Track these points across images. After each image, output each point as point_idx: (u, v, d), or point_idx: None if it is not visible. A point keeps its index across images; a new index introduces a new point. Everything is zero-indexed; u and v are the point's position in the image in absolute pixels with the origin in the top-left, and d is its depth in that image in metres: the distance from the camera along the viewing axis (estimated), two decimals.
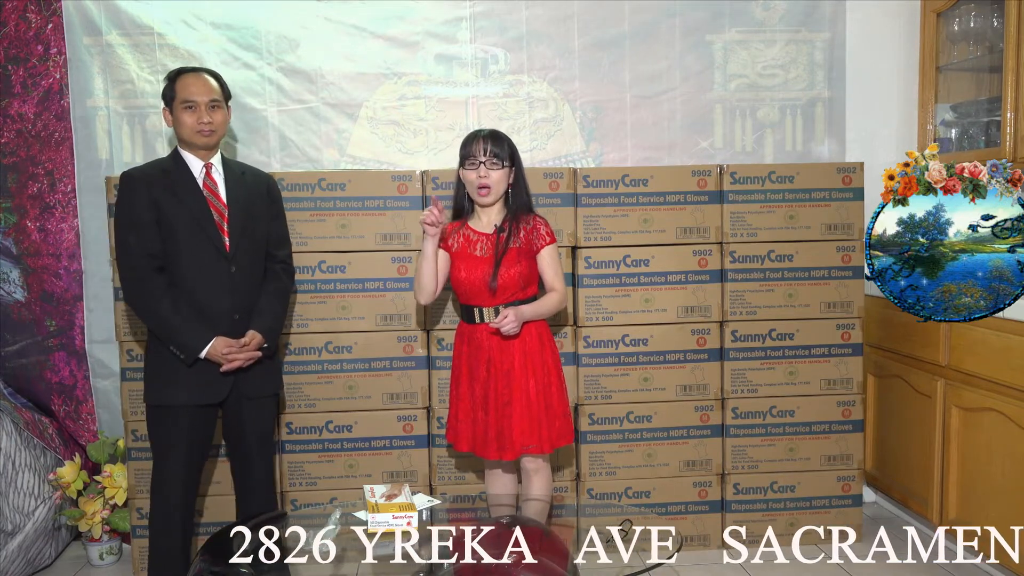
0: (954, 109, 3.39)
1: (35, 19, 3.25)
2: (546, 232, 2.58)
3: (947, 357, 2.90)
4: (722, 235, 3.07)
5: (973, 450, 2.81)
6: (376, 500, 2.28)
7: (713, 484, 3.13)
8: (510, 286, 2.54)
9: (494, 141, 2.55)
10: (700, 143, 3.50)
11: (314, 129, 3.37)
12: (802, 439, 3.13)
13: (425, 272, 2.55)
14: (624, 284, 3.04)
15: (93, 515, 3.06)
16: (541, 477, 2.64)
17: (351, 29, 3.35)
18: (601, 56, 3.43)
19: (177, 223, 2.47)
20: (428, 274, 2.55)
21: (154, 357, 2.53)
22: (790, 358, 3.11)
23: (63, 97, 3.27)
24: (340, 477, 3.02)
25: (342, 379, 3.00)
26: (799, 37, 3.50)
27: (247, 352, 2.51)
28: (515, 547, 2.13)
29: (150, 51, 3.27)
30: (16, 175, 3.29)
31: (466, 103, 3.43)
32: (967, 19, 3.26)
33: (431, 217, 2.46)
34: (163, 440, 2.52)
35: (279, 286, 2.65)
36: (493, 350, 2.56)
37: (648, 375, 3.07)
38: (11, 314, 3.34)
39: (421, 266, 2.55)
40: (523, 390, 2.54)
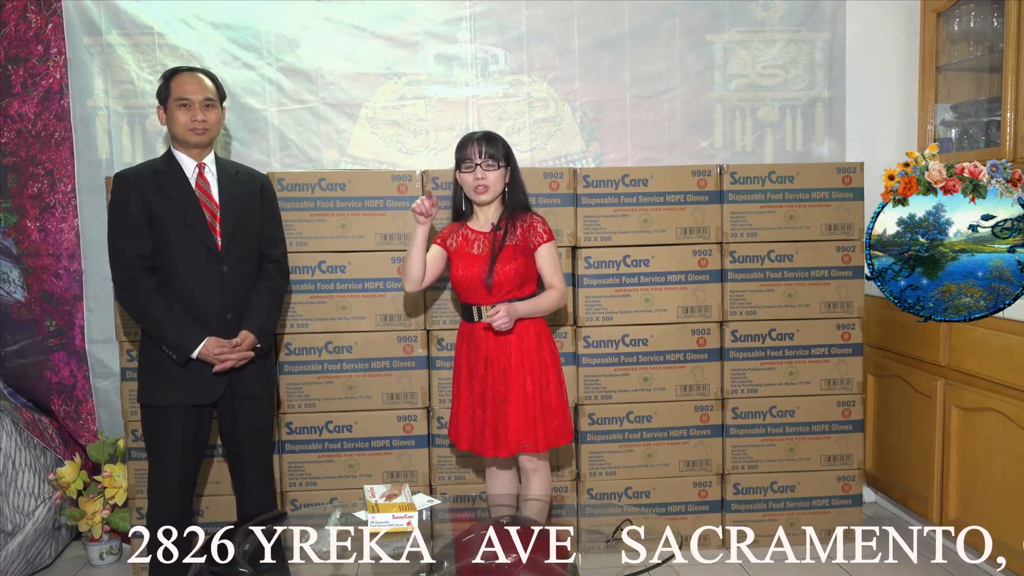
0: (954, 109, 3.39)
1: (35, 19, 3.25)
2: (543, 230, 2.59)
3: (947, 357, 2.90)
4: (722, 235, 3.07)
5: (973, 450, 2.81)
6: (376, 500, 2.28)
7: (713, 484, 3.12)
8: (506, 283, 2.54)
9: (488, 143, 2.57)
10: (700, 143, 3.50)
11: (314, 129, 3.37)
12: (802, 439, 3.13)
13: (412, 257, 2.59)
14: (624, 284, 3.04)
15: (93, 515, 3.06)
16: (540, 477, 2.65)
17: (351, 29, 3.35)
18: (601, 56, 3.43)
19: (168, 223, 2.47)
20: (415, 260, 2.59)
21: (147, 357, 2.53)
22: (790, 358, 3.11)
23: (63, 97, 3.27)
24: (340, 477, 3.02)
25: (342, 379, 3.00)
26: (799, 37, 3.50)
27: (239, 352, 2.51)
28: (515, 547, 2.14)
29: (150, 51, 3.27)
30: (16, 175, 3.29)
31: (466, 103, 3.43)
32: (967, 19, 3.27)
33: (421, 207, 2.51)
34: (158, 440, 2.52)
35: (272, 285, 2.65)
36: (490, 348, 2.57)
37: (648, 375, 3.07)
38: (11, 314, 3.34)
39: (409, 252, 2.60)
40: (520, 388, 2.55)
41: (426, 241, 2.59)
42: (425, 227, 2.55)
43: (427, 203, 2.51)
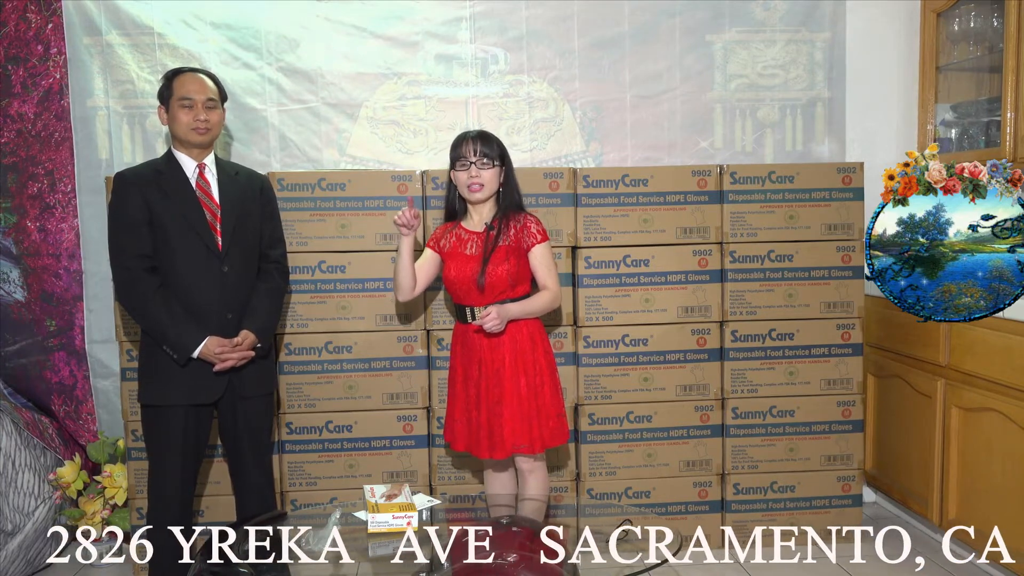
0: (954, 109, 3.39)
1: (35, 19, 3.25)
2: (537, 230, 2.58)
3: (947, 357, 2.90)
4: (722, 235, 3.07)
5: (973, 450, 2.81)
6: (376, 500, 2.28)
7: (713, 484, 3.12)
8: (498, 284, 2.54)
9: (483, 142, 2.56)
10: (700, 143, 3.50)
11: (314, 129, 3.37)
12: (802, 439, 3.13)
13: (399, 270, 2.59)
14: (624, 284, 3.04)
15: (93, 515, 3.06)
16: (536, 477, 2.64)
17: (351, 29, 3.35)
18: (601, 56, 3.43)
19: (169, 223, 2.48)
20: (403, 271, 2.59)
21: (148, 357, 2.53)
22: (790, 358, 3.11)
23: (63, 97, 3.27)
24: (340, 477, 3.02)
25: (342, 379, 3.00)
26: (799, 37, 3.50)
27: (240, 351, 2.51)
28: (515, 547, 2.14)
29: (150, 51, 3.27)
30: (16, 175, 3.29)
31: (466, 103, 3.43)
32: (967, 19, 3.27)
33: (402, 219, 2.50)
34: (159, 440, 2.52)
35: (272, 286, 2.65)
36: (484, 350, 2.57)
37: (648, 375, 3.07)
38: (11, 314, 3.34)
39: (396, 264, 2.60)
40: (514, 389, 2.55)
41: (412, 251, 2.58)
42: (409, 238, 2.54)
43: (408, 214, 2.49)
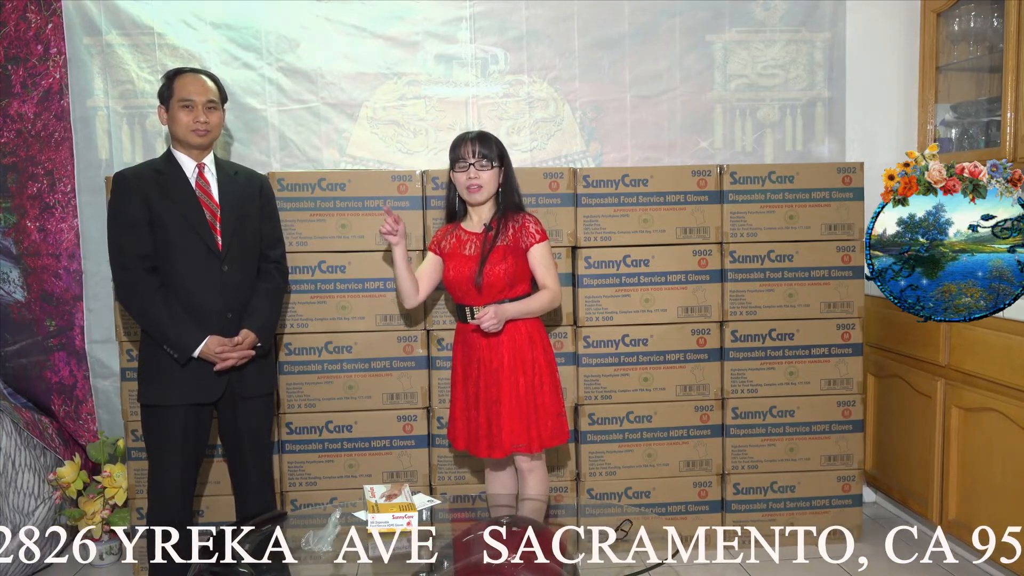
0: (954, 109, 3.39)
1: (35, 19, 3.25)
2: (536, 230, 2.58)
3: (947, 357, 2.90)
4: (722, 235, 3.07)
5: (973, 450, 2.81)
6: (376, 500, 2.28)
7: (713, 484, 3.12)
8: (496, 284, 2.54)
9: (482, 143, 2.56)
10: (700, 143, 3.50)
11: (314, 129, 3.37)
12: (802, 439, 3.13)
13: (398, 279, 2.61)
14: (624, 284, 3.04)
15: (93, 515, 3.06)
16: (536, 477, 2.65)
17: (351, 29, 3.35)
18: (601, 56, 3.43)
19: (169, 223, 2.48)
20: (401, 280, 2.61)
21: (148, 357, 2.53)
22: (790, 358, 3.11)
23: (63, 97, 3.27)
24: (340, 477, 3.02)
25: (342, 379, 3.00)
26: (799, 37, 3.50)
27: (240, 351, 2.51)
28: (515, 547, 2.14)
29: (150, 51, 3.27)
30: (16, 175, 3.29)
31: (466, 103, 3.43)
32: (967, 19, 3.27)
33: (387, 227, 2.51)
34: (159, 440, 2.52)
35: (272, 285, 2.65)
36: (483, 349, 2.57)
37: (648, 375, 3.07)
38: (11, 314, 3.34)
39: (395, 274, 2.62)
40: (512, 389, 2.55)
41: (406, 259, 2.58)
42: (400, 247, 2.55)
43: (389, 220, 2.50)
